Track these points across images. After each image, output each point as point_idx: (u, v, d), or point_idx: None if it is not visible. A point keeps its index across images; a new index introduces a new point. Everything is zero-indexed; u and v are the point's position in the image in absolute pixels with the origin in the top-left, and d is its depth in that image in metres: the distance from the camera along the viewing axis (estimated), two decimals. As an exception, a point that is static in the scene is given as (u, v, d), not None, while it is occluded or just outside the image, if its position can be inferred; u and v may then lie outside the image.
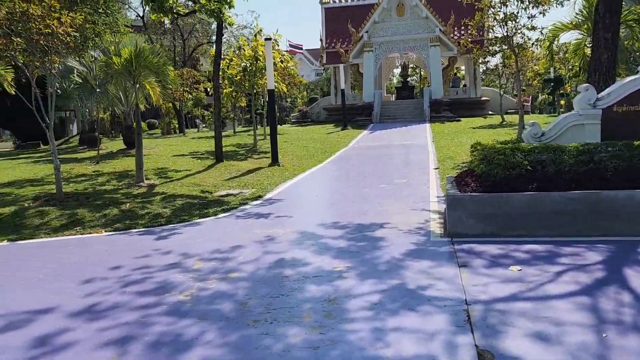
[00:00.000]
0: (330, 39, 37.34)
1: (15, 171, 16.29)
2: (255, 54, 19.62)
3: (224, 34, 39.29)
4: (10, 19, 10.04)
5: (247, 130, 31.92)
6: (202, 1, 14.40)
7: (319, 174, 14.69)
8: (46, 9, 10.34)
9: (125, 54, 12.19)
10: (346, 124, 28.88)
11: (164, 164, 16.77)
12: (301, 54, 74.31)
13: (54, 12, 10.38)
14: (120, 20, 28.60)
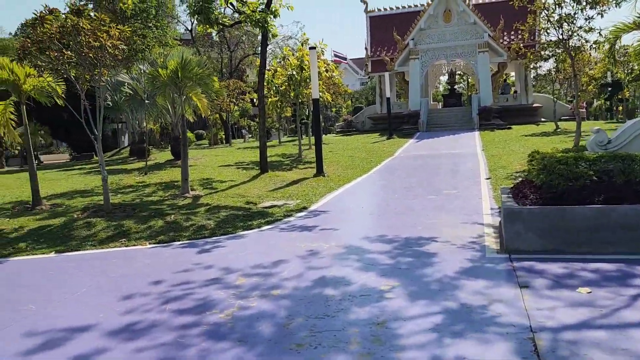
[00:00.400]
0: (375, 48, 37.01)
1: (68, 182, 16.70)
2: (300, 63, 19.52)
3: (269, 44, 39.70)
4: (61, 32, 10.24)
5: (292, 140, 31.91)
6: (247, 12, 14.40)
7: (365, 185, 14.34)
8: (96, 23, 10.51)
9: (172, 65, 12.26)
10: (392, 133, 28.42)
11: (209, 174, 16.82)
12: (346, 63, 74.37)
13: (103, 25, 10.53)
14: (169, 33, 29.35)
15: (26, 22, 10.56)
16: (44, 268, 7.42)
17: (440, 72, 42.09)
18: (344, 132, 36.87)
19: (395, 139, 26.65)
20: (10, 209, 12.21)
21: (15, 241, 9.16)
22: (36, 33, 10.38)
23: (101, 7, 26.20)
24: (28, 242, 9.05)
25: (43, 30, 10.31)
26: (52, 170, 21.76)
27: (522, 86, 34.60)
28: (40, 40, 10.34)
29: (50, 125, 34.95)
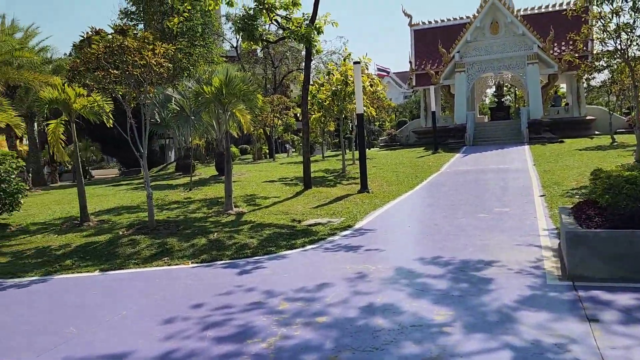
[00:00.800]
0: (419, 61, 36.54)
1: (116, 198, 16.99)
2: (344, 78, 19.34)
3: (313, 60, 39.86)
4: (107, 52, 10.40)
5: (336, 155, 31.71)
6: (292, 27, 14.35)
7: (411, 202, 13.91)
8: (140, 42, 10.62)
9: (216, 82, 12.29)
10: (437, 147, 27.80)
11: (253, 190, 16.77)
12: (389, 77, 73.98)
13: (148, 44, 10.63)
14: (215, 51, 29.84)
15: (74, 44, 10.78)
16: (87, 287, 7.39)
17: (487, 85, 41.10)
18: (388, 146, 36.41)
19: (441, 154, 26.03)
20: (59, 225, 12.44)
21: (62, 258, 9.24)
22: (84, 54, 10.58)
23: (150, 26, 26.94)
24: (74, 260, 9.11)
25: (90, 51, 10.49)
26: (102, 185, 22.29)
27: (574, 98, 33.30)
28: (88, 60, 10.52)
29: (101, 142, 36.08)
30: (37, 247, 10.20)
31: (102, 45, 10.63)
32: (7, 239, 11.25)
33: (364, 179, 15.82)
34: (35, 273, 8.40)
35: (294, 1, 15.36)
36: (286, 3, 15.66)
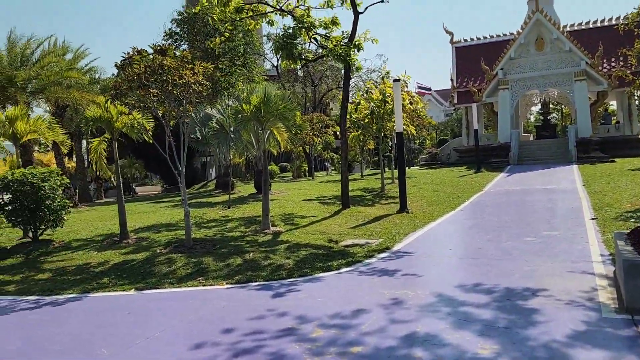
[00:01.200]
0: (461, 79, 35.98)
1: (156, 215, 17.18)
2: (383, 96, 19.12)
3: (352, 78, 39.84)
4: (148, 71, 10.53)
5: (375, 173, 31.36)
6: (330, 46, 14.28)
7: (452, 223, 13.45)
8: (180, 61, 10.73)
9: (254, 101, 12.28)
10: (480, 166, 27.10)
11: (291, 209, 16.64)
12: (430, 94, 73.24)
13: (188, 63, 10.72)
14: (256, 70, 30.20)
15: (116, 64, 10.99)
16: (122, 307, 7.34)
17: (531, 102, 40.05)
18: (429, 165, 35.82)
19: (484, 173, 25.33)
20: (100, 241, 12.60)
21: (100, 276, 9.28)
22: (126, 73, 10.75)
23: (194, 47, 27.53)
24: (111, 277, 9.13)
25: (132, 70, 10.65)
26: (144, 202, 22.67)
27: (625, 116, 31.99)
28: (130, 79, 10.68)
29: (145, 159, 36.93)
30: (77, 264, 10.31)
31: (143, 64, 10.79)
32: (49, 255, 11.44)
33: (403, 199, 15.46)
34: (73, 291, 8.44)
35: (333, 20, 15.33)
36: (326, 22, 15.64)
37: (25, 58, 21.13)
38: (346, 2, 15.31)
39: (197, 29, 26.43)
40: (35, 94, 20.60)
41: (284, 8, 15.29)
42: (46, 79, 19.38)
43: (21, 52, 21.05)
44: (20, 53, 20.95)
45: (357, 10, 15.14)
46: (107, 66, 57.42)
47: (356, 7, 15.07)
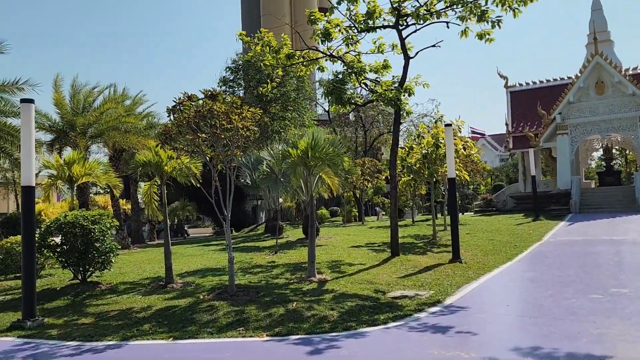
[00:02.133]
0: (516, 123, 35.03)
1: (203, 259, 17.15)
2: (435, 141, 18.67)
3: (404, 122, 39.62)
4: (197, 116, 10.64)
5: (427, 220, 30.50)
6: (380, 90, 14.12)
7: (509, 275, 12.61)
8: (229, 106, 10.79)
9: (302, 146, 12.17)
10: (538, 214, 25.83)
11: (338, 255, 16.20)
12: (484, 139, 71.92)
13: (237, 108, 10.77)
14: (307, 114, 30.54)
15: (167, 108, 11.22)
16: (157, 357, 7.08)
17: (593, 148, 38.40)
18: (483, 211, 34.60)
19: (543, 221, 24.08)
20: (146, 285, 12.56)
21: (141, 322, 9.12)
22: (176, 118, 10.91)
23: (247, 93, 28.22)
24: (152, 324, 8.95)
25: (182, 115, 10.80)
26: (193, 245, 22.82)
27: (697, 162, 29.99)
28: (179, 124, 10.82)
29: (197, 201, 37.58)
30: (121, 309, 10.22)
31: (193, 109, 10.93)
32: (95, 298, 11.46)
33: (456, 248, 14.74)
34: (113, 337, 8.29)
35: (384, 64, 15.23)
36: (376, 66, 15.57)
37: (87, 104, 22.22)
38: (397, 48, 15.21)
39: (251, 75, 27.14)
40: (94, 138, 21.50)
41: (334, 54, 15.35)
42: (105, 124, 20.21)
43: (83, 99, 22.17)
44: (82, 100, 22.06)
45: (408, 55, 14.98)
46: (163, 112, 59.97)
47: (407, 51, 14.92)
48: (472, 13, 13.08)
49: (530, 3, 12.33)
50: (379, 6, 14.54)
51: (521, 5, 12.49)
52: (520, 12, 12.74)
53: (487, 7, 12.98)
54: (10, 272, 14.74)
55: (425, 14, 13.74)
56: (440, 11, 13.74)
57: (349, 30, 14.90)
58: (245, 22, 77.64)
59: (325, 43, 15.19)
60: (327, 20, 14.83)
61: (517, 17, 12.51)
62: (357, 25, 14.70)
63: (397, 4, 14.23)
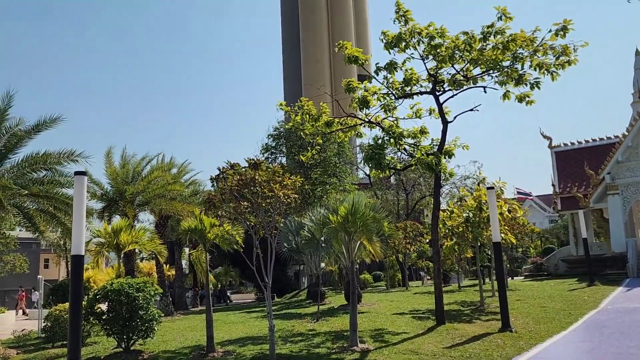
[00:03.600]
0: (563, 184, 34.14)
1: (245, 326, 17.00)
2: (478, 204, 18.37)
3: (446, 185, 39.26)
4: (240, 185, 10.91)
5: (474, 285, 29.46)
6: (418, 155, 14.18)
7: (564, 346, 11.88)
8: (271, 174, 11.05)
9: (342, 211, 12.21)
10: (593, 279, 24.53)
11: (381, 323, 15.76)
12: (531, 200, 69.97)
13: (277, 177, 11.01)
14: (348, 179, 30.76)
15: (211, 177, 11.55)
16: None
17: (647, 207, 36.78)
18: (534, 276, 33.20)
19: (598, 286, 22.84)
20: (187, 354, 12.50)
21: (180, 393, 9.02)
22: (219, 186, 11.23)
23: (289, 158, 28.82)
24: (191, 396, 8.82)
25: (225, 184, 11.10)
26: (235, 312, 22.72)
27: None
28: (222, 192, 11.12)
29: (241, 267, 37.73)
30: (161, 378, 10.16)
31: (236, 177, 11.25)
32: (137, 367, 11.46)
33: (505, 316, 14.09)
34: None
35: (421, 129, 15.37)
36: (414, 131, 15.73)
37: (135, 174, 23.20)
38: (434, 113, 15.38)
39: (292, 142, 27.81)
40: (141, 206, 22.26)
41: (372, 120, 15.63)
42: (152, 192, 20.97)
43: (132, 168, 23.20)
44: (131, 169, 23.09)
45: (446, 119, 15.10)
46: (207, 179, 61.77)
47: (445, 116, 15.05)
48: (510, 77, 13.18)
49: (568, 67, 12.36)
50: (415, 73, 14.87)
51: (559, 69, 12.53)
52: (559, 75, 12.77)
53: (524, 71, 13.07)
54: (58, 340, 14.99)
55: (461, 80, 13.94)
56: (477, 76, 13.92)
57: (387, 97, 15.22)
58: (287, 88, 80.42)
59: (364, 110, 15.53)
60: (365, 88, 15.24)
61: (556, 80, 12.52)
62: (395, 92, 15.01)
63: (433, 71, 14.51)
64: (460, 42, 13.50)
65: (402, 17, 14.31)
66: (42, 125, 14.20)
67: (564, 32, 12.39)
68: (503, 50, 12.87)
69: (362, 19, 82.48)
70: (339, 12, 78.72)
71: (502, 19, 12.96)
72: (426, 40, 14.02)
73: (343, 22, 78.13)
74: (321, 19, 77.83)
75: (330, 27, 78.26)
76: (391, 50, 14.55)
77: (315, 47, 76.75)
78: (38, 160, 14.16)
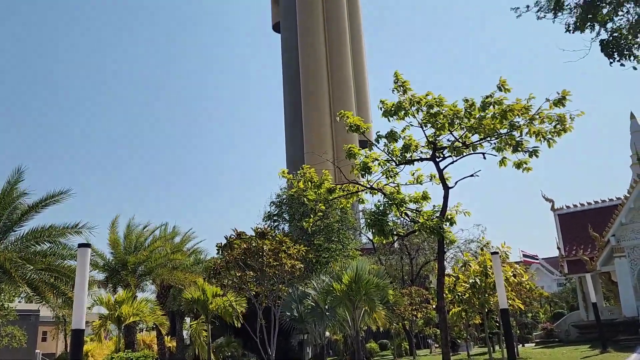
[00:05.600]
0: (569, 246, 33.87)
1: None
2: (483, 269, 18.17)
3: (450, 249, 38.96)
4: (246, 254, 10.92)
5: (484, 353, 28.56)
6: (421, 220, 14.19)
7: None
8: (276, 244, 11.07)
9: (345, 280, 12.11)
10: (605, 345, 23.78)
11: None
12: (537, 263, 68.99)
13: (282, 245, 11.03)
14: (351, 245, 30.63)
15: (217, 245, 11.61)
16: None
17: (655, 269, 36.22)
18: (544, 342, 32.28)
19: (612, 353, 22.13)
20: None
21: None
22: (225, 255, 11.24)
23: (292, 225, 28.85)
24: None
25: (231, 253, 11.12)
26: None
27: None
28: (229, 260, 11.12)
29: (243, 337, 36.78)
30: None
31: (243, 247, 11.27)
32: None
33: (517, 386, 13.61)
34: None
35: (423, 195, 15.46)
36: (416, 197, 15.80)
37: (139, 244, 23.19)
38: (435, 178, 15.52)
39: (295, 208, 27.94)
40: (143, 276, 22.07)
41: (374, 186, 15.75)
42: (154, 262, 20.87)
43: (136, 238, 23.22)
44: (135, 239, 23.10)
45: (447, 185, 15.22)
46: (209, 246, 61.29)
47: (445, 182, 15.18)
48: (508, 144, 13.44)
49: (564, 134, 12.62)
50: (415, 140, 15.14)
51: (555, 136, 12.79)
52: (555, 142, 13.01)
53: (521, 139, 13.33)
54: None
55: (460, 147, 14.18)
56: (476, 143, 14.17)
57: (387, 164, 15.42)
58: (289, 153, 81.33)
59: (365, 176, 15.69)
60: (366, 155, 15.49)
61: (552, 147, 12.74)
62: (395, 159, 15.24)
63: (432, 138, 14.79)
64: (459, 110, 13.85)
65: (400, 87, 14.77)
66: (49, 199, 14.42)
67: (562, 102, 12.74)
68: (501, 120, 13.18)
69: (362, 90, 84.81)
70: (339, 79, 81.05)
71: (502, 90, 13.36)
72: (424, 109, 14.40)
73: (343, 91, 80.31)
74: (322, 84, 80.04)
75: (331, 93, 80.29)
76: (390, 118, 14.91)
77: (317, 113, 78.47)
78: (43, 233, 14.28)
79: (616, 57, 14.50)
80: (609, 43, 14.22)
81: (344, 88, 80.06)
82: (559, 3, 14.49)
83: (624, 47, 14.24)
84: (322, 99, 79.22)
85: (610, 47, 14.33)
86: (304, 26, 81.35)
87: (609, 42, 14.22)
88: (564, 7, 14.40)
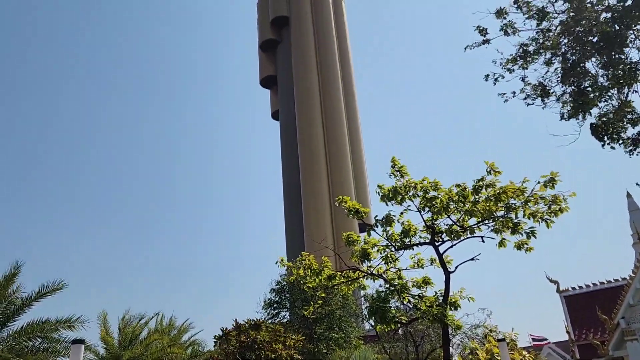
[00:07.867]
0: (578, 330, 32.91)
1: None
2: (490, 357, 17.53)
3: (456, 335, 37.67)
4: (241, 346, 10.59)
5: None
6: (423, 307, 13.90)
7: None
8: (273, 334, 10.78)
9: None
10: None
11: None
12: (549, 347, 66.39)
13: (279, 336, 10.74)
14: (354, 333, 29.69)
15: (215, 337, 11.31)
16: None
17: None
18: None
19: None
20: None
21: None
22: (222, 348, 10.90)
23: (292, 312, 28.13)
24: None
25: (228, 346, 10.80)
26: None
27: None
28: (227, 353, 10.77)
29: None
30: None
31: (240, 339, 10.96)
32: None
33: None
34: None
35: (425, 279, 15.27)
36: (418, 281, 15.58)
37: (133, 337, 22.45)
38: (436, 262, 15.41)
39: (295, 296, 27.39)
40: (138, 373, 21.17)
41: (374, 272, 15.58)
42: (150, 357, 20.09)
43: (131, 332, 22.52)
44: (130, 333, 22.40)
45: (448, 269, 15.07)
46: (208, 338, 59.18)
47: (446, 266, 15.05)
48: (505, 226, 13.49)
49: (561, 214, 12.71)
50: (413, 225, 15.19)
51: (552, 216, 12.87)
52: (553, 222, 13.06)
53: (519, 220, 13.40)
54: None
55: (458, 230, 14.21)
56: (473, 226, 14.21)
57: (387, 249, 15.36)
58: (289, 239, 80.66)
59: (365, 262, 15.57)
60: (365, 241, 15.47)
61: (551, 228, 12.77)
62: (394, 244, 15.21)
63: (430, 222, 14.85)
64: (454, 194, 14.04)
65: (397, 172, 15.05)
66: (45, 292, 14.22)
67: (552, 183, 12.95)
68: (496, 202, 13.33)
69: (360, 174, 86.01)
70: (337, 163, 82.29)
71: (492, 173, 13.63)
72: (421, 194, 14.59)
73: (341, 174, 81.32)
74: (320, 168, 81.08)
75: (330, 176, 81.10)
76: (388, 202, 15.05)
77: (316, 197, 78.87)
78: (35, 328, 13.93)
79: (606, 140, 14.92)
80: (598, 127, 14.68)
81: (341, 174, 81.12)
82: (544, 90, 15.14)
83: (612, 130, 14.72)
84: (320, 181, 79.87)
85: (599, 131, 14.78)
86: (302, 115, 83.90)
87: (598, 126, 14.68)
88: (549, 94, 15.04)
